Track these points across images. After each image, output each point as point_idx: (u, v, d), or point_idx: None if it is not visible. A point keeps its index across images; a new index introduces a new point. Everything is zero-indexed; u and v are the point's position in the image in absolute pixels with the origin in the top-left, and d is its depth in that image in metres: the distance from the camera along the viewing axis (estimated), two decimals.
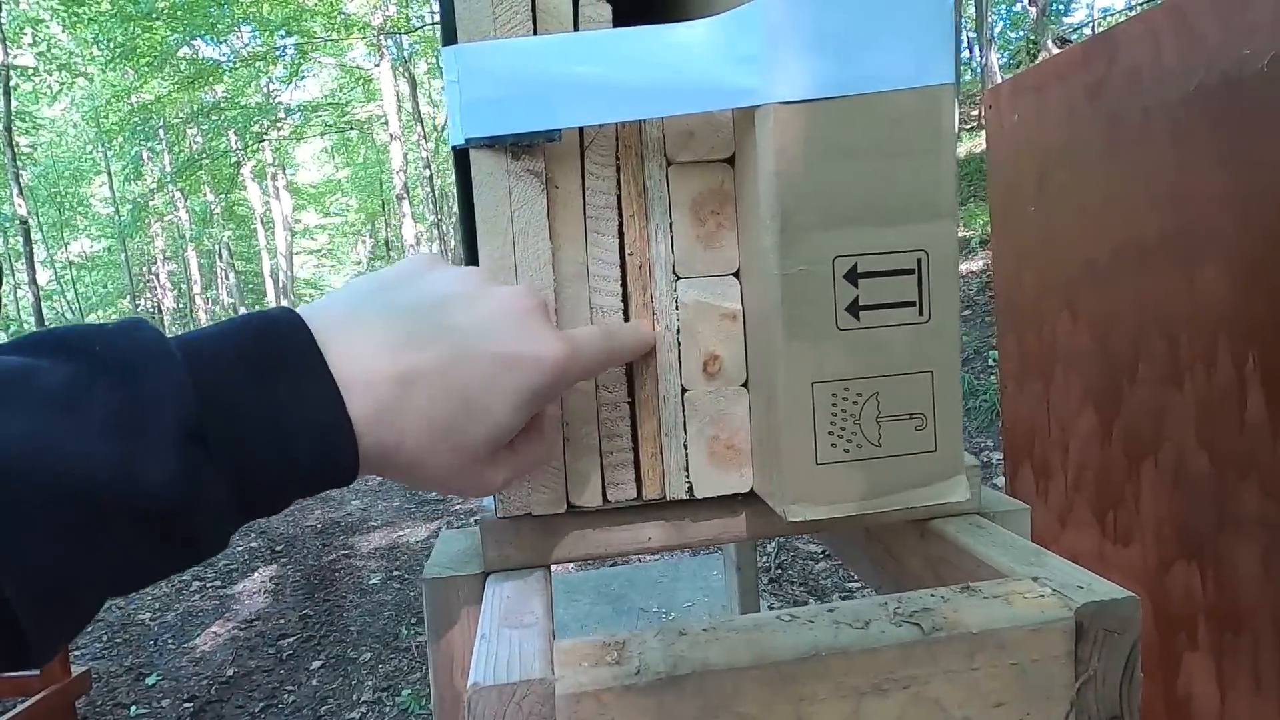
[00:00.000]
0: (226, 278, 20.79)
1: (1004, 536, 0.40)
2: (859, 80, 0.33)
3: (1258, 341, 0.82)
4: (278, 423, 0.24)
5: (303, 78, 13.83)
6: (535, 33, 0.36)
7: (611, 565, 2.53)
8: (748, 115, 0.35)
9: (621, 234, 0.38)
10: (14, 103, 10.73)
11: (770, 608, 2.36)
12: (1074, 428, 1.12)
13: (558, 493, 0.38)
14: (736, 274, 0.39)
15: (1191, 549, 0.93)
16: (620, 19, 0.37)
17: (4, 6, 9.88)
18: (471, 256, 0.37)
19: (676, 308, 0.38)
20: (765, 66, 0.32)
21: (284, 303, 18.96)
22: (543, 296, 0.32)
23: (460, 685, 0.40)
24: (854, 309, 0.34)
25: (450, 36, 0.36)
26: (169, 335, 0.25)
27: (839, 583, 2.56)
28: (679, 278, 0.38)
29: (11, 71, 10.17)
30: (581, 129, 0.37)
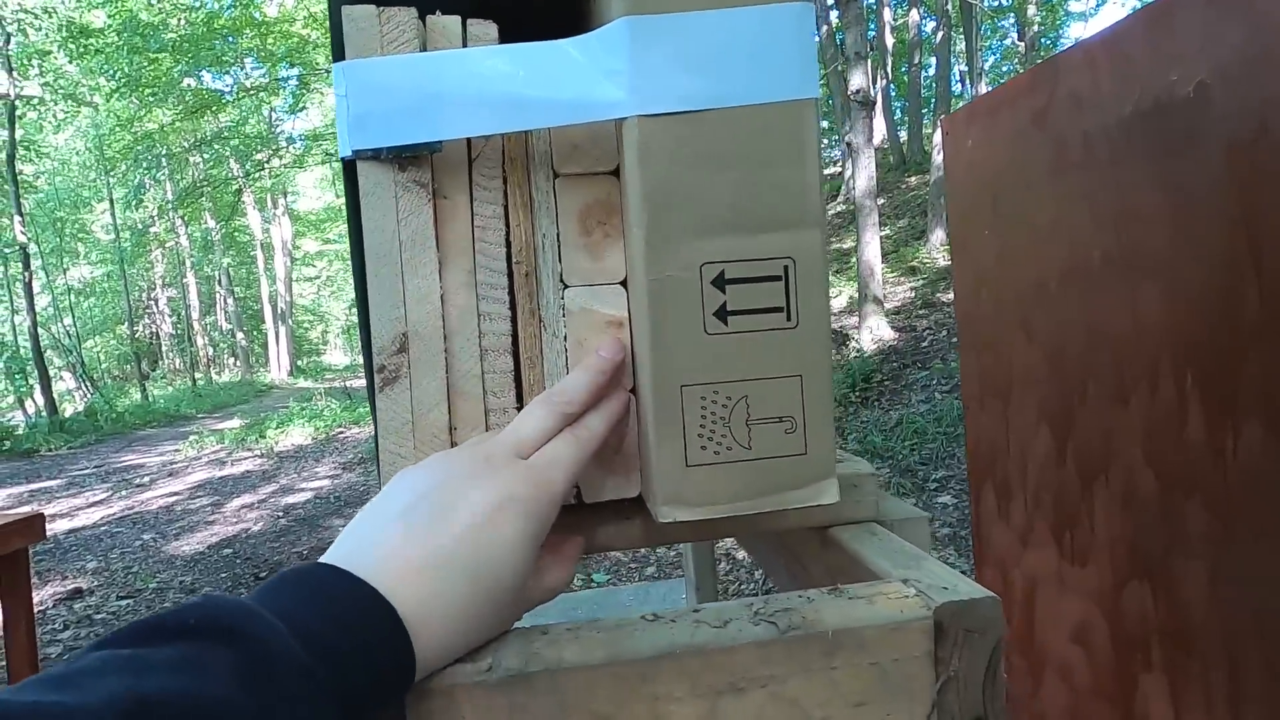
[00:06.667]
0: (225, 304, 20.86)
1: (894, 543, 0.41)
2: (722, 94, 0.34)
3: (1195, 360, 0.83)
4: (354, 652, 0.28)
5: (304, 108, 14.04)
6: (424, 49, 0.38)
7: (582, 588, 2.50)
8: (622, 127, 0.36)
9: (509, 243, 0.39)
10: (19, 131, 10.87)
11: None
12: (1031, 447, 1.12)
13: None
14: (623, 283, 0.40)
15: (1143, 568, 0.93)
16: (510, 38, 0.39)
17: (12, 39, 10.07)
18: (359, 265, 0.38)
19: (563, 315, 0.39)
20: (629, 80, 0.34)
21: (282, 328, 19.04)
22: (514, 438, 0.36)
23: None
24: (722, 314, 0.35)
25: (340, 53, 0.37)
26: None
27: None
28: (566, 286, 0.39)
29: (18, 101, 10.32)
30: (470, 142, 0.38)
